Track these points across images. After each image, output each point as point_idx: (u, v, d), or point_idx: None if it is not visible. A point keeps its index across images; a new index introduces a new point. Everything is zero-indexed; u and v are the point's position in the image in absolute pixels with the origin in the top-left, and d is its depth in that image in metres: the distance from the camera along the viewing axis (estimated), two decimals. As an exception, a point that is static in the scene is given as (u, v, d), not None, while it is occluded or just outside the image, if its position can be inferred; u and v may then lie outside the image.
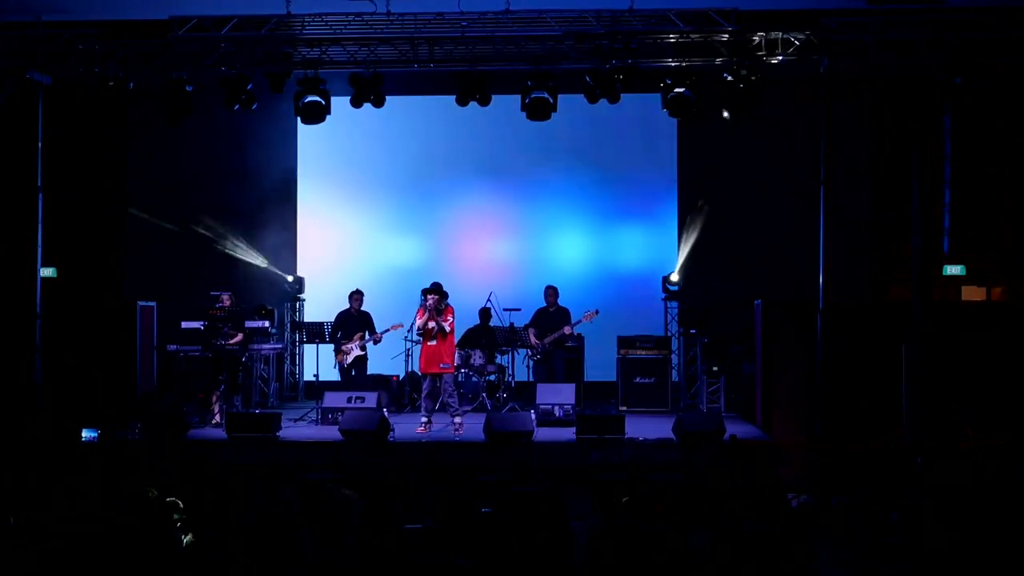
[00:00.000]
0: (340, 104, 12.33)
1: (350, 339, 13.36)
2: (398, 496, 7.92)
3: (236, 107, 12.15)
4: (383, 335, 13.31)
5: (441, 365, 11.91)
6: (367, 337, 13.38)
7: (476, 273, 15.39)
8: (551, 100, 11.95)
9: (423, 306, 11.95)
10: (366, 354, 13.51)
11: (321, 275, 15.92)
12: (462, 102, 12.13)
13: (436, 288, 11.96)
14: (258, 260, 15.67)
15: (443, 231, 15.99)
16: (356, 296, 13.67)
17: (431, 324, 11.85)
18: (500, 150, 15.74)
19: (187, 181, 15.57)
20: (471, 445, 11.26)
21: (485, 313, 13.98)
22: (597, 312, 13.29)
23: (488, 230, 15.96)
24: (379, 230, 16.02)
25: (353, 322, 13.49)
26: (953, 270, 14.34)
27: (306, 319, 15.51)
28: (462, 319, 13.27)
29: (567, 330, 13.42)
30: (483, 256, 15.88)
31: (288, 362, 15.66)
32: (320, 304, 15.46)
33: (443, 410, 12.35)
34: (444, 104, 12.92)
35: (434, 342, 11.88)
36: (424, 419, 11.94)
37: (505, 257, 15.87)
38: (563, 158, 15.75)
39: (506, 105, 12.49)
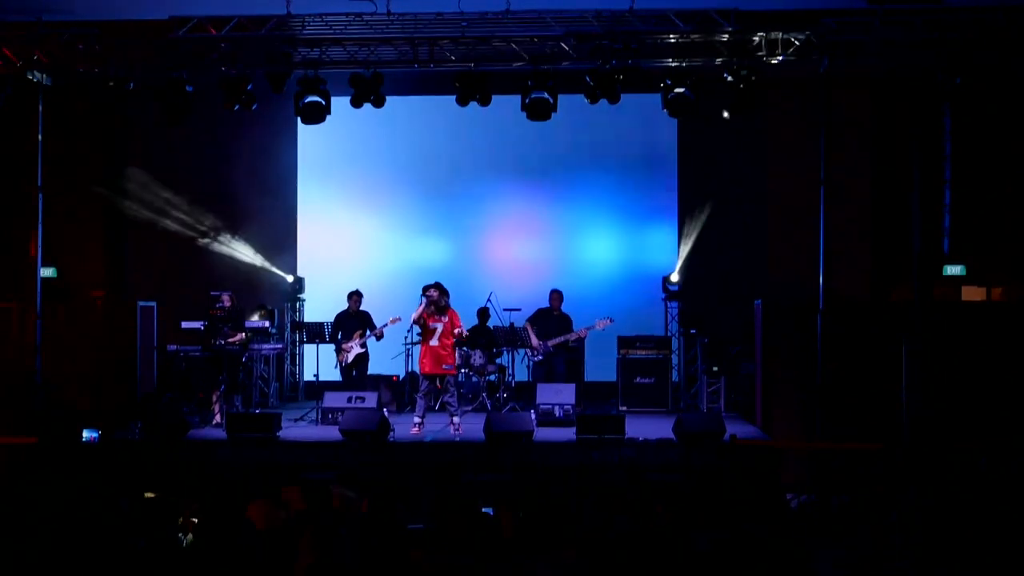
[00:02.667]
0: (340, 104, 12.32)
1: (350, 338, 13.37)
2: (398, 496, 7.92)
3: (236, 107, 12.14)
4: (383, 329, 13.31)
5: (444, 366, 11.88)
6: (367, 334, 13.39)
7: (475, 273, 15.39)
8: (551, 100, 11.94)
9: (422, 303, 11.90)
10: (367, 351, 13.52)
11: (321, 275, 15.92)
12: (462, 102, 12.11)
13: (437, 284, 11.92)
14: (258, 260, 15.67)
15: (442, 231, 15.98)
16: (355, 297, 13.68)
17: (433, 324, 11.73)
18: (499, 151, 15.72)
19: (187, 181, 15.57)
20: (471, 445, 11.25)
21: (483, 313, 13.98)
22: (611, 320, 13.30)
23: (488, 230, 15.95)
24: (379, 230, 16.01)
25: (352, 322, 13.51)
26: (953, 270, 14.33)
27: (306, 319, 15.50)
28: (463, 319, 13.25)
29: (577, 335, 13.39)
30: (483, 256, 15.88)
31: (288, 362, 15.66)
32: (320, 304, 15.45)
33: (443, 410, 12.35)
34: (444, 104, 12.91)
35: (436, 342, 11.82)
36: (417, 420, 11.88)
37: (504, 257, 15.85)
38: (563, 158, 15.74)
39: (506, 106, 12.49)
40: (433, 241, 15.99)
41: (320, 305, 15.40)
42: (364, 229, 16.02)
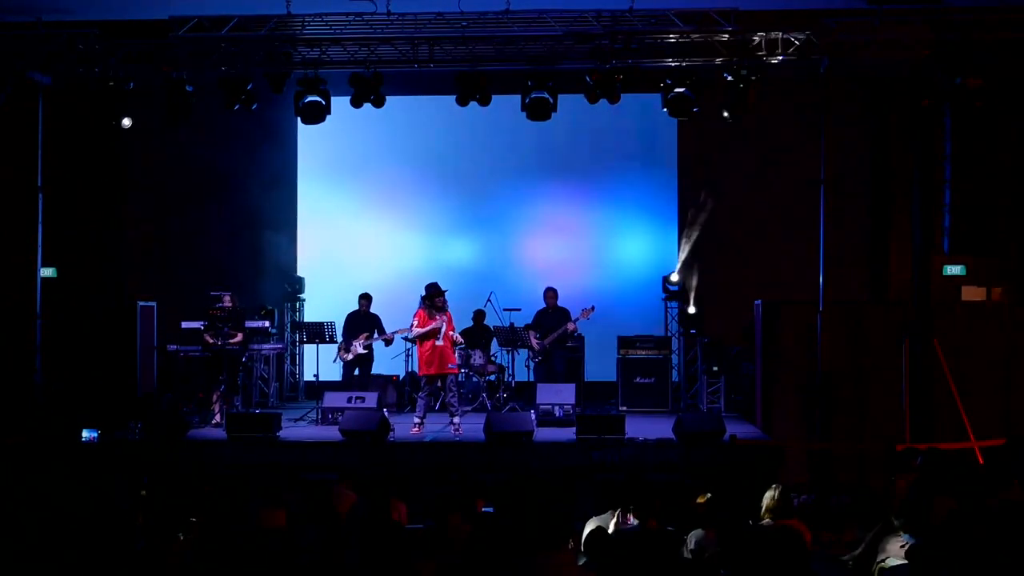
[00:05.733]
0: (340, 104, 12.32)
1: (356, 338, 13.37)
2: (398, 496, 7.92)
3: (236, 107, 12.14)
4: (393, 336, 13.27)
5: (449, 365, 11.89)
6: (375, 336, 13.38)
7: (475, 272, 15.39)
8: (551, 100, 11.94)
9: (424, 307, 11.89)
10: (370, 353, 13.51)
11: (321, 275, 15.92)
12: (462, 102, 12.11)
13: (434, 284, 11.93)
14: (258, 260, 15.65)
15: (442, 231, 15.99)
16: (365, 298, 13.68)
17: (436, 323, 11.73)
18: (499, 152, 15.72)
19: (187, 181, 15.57)
20: (471, 445, 11.25)
21: (479, 314, 14.00)
22: (593, 308, 13.26)
23: (487, 230, 15.95)
24: (379, 230, 16.00)
25: (362, 322, 13.51)
26: (953, 270, 14.33)
27: (306, 319, 15.50)
28: (461, 320, 13.26)
29: (570, 327, 13.36)
30: (482, 256, 15.88)
31: (288, 362, 15.66)
32: (320, 304, 15.46)
33: (443, 410, 12.35)
34: (444, 104, 12.91)
35: (440, 342, 11.82)
36: (417, 420, 11.89)
37: (504, 257, 15.86)
38: (562, 159, 15.74)
39: (506, 106, 12.48)
40: (432, 241, 15.98)
41: (320, 305, 15.41)
42: (364, 229, 16.02)
